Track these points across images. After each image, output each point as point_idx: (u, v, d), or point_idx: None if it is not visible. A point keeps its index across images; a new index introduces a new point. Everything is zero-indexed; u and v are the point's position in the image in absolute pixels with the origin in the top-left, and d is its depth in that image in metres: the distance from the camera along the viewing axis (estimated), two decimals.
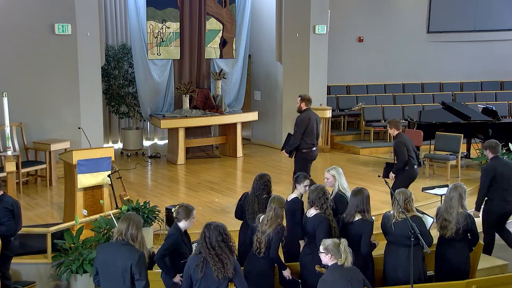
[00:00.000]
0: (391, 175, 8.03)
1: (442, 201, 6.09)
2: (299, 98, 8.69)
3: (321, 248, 4.87)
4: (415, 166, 7.97)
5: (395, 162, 8.10)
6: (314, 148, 8.62)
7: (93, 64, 10.63)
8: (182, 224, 5.49)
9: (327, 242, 4.88)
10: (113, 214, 7.25)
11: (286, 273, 5.76)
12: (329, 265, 4.84)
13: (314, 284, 5.68)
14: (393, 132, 8.12)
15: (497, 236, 8.29)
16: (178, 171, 11.26)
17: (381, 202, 8.63)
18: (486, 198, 7.25)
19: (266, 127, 13.50)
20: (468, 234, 5.95)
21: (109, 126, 13.01)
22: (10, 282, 6.25)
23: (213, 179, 10.46)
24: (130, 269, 4.70)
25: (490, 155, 7.35)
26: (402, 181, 7.71)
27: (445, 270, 5.95)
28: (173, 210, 5.63)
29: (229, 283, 4.81)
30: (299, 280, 5.83)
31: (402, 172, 7.89)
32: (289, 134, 8.77)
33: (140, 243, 4.86)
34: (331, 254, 4.80)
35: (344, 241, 4.87)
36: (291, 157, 8.62)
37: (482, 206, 7.31)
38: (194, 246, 5.66)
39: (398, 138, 8.00)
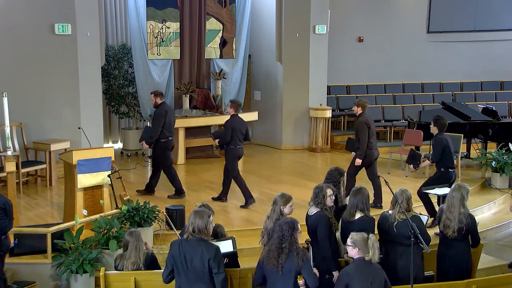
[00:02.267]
0: (216, 140, 9.11)
1: (445, 200, 6.08)
2: (152, 94, 9.31)
3: (349, 241, 4.91)
4: (238, 146, 8.91)
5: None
6: (171, 138, 9.33)
7: (93, 64, 10.62)
8: None
9: (356, 236, 4.90)
10: (112, 215, 7.28)
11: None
12: (355, 258, 4.88)
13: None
14: (231, 111, 8.97)
15: (497, 236, 8.33)
16: (178, 171, 11.18)
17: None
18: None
19: (266, 127, 13.50)
20: (469, 235, 5.96)
21: (109, 126, 13.01)
22: (5, 282, 6.24)
23: (213, 179, 10.45)
24: (208, 264, 4.80)
25: (360, 111, 8.57)
26: (230, 158, 8.89)
27: (447, 269, 5.95)
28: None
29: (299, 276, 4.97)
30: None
31: (226, 148, 8.90)
32: (146, 127, 9.42)
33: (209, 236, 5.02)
34: (359, 248, 4.82)
35: (372, 237, 4.90)
36: (151, 148, 9.35)
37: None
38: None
39: (231, 119, 8.92)
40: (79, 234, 6.74)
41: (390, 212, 5.78)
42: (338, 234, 6.05)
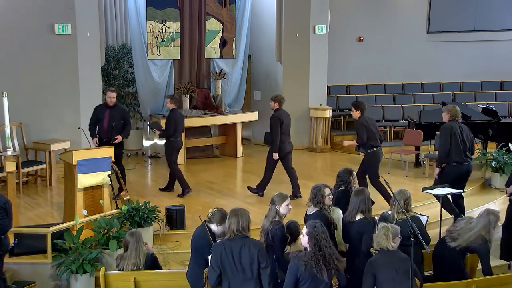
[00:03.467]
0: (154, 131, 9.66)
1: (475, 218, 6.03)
2: (115, 92, 9.44)
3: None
4: (178, 139, 9.41)
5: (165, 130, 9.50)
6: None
7: (93, 64, 10.62)
8: (213, 227, 5.53)
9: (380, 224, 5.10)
10: (112, 215, 7.28)
11: None
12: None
13: None
14: (172, 106, 9.37)
15: (497, 236, 8.31)
16: None
17: (380, 202, 8.62)
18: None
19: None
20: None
21: None
22: (5, 282, 6.24)
23: (213, 179, 10.46)
24: (257, 258, 4.83)
25: (276, 106, 9.18)
26: (171, 149, 9.36)
27: (443, 270, 5.93)
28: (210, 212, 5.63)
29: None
30: None
31: (168, 140, 9.40)
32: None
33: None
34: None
35: (389, 226, 5.04)
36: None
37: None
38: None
39: (174, 113, 9.37)
40: (79, 234, 6.74)
41: (390, 212, 5.79)
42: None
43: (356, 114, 8.62)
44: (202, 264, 5.41)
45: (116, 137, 8.97)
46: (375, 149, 8.50)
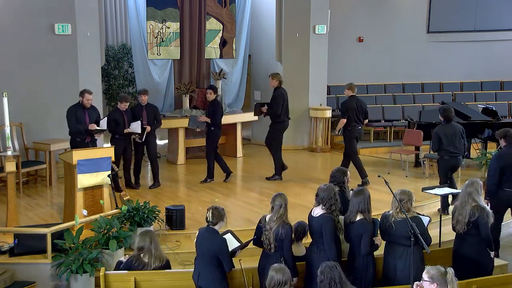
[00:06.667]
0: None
1: (458, 197, 6.14)
2: (91, 94, 9.20)
3: (426, 277, 4.65)
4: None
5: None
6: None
7: (93, 64, 10.62)
8: (217, 227, 5.62)
9: (432, 270, 4.65)
10: (112, 215, 7.28)
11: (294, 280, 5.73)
12: None
13: None
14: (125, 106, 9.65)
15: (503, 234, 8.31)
16: (178, 171, 11.25)
17: (381, 202, 8.62)
18: None
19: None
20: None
21: None
22: None
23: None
24: None
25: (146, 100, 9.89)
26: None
27: (463, 267, 5.91)
28: (207, 215, 5.66)
29: None
30: None
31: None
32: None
33: None
34: (437, 283, 4.59)
35: (450, 270, 4.64)
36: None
37: None
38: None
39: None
40: (79, 234, 6.73)
41: (391, 212, 5.78)
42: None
43: (211, 96, 10.01)
44: (216, 263, 5.52)
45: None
46: (212, 128, 9.97)
